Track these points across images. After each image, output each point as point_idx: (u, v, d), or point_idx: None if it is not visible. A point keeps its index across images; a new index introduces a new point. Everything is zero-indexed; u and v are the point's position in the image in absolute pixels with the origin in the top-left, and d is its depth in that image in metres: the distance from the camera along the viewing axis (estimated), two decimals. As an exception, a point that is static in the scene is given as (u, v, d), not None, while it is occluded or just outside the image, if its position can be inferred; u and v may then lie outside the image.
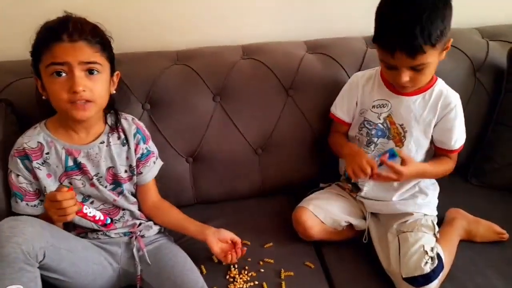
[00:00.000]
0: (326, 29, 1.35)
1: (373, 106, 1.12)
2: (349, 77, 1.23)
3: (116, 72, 1.00)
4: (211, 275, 1.03)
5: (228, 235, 1.05)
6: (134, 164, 1.04)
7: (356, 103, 1.15)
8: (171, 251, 1.04)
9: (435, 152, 1.14)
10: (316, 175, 1.30)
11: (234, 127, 1.23)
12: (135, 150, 1.04)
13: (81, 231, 1.02)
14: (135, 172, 1.05)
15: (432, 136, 1.11)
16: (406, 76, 0.98)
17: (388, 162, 1.02)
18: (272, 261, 1.07)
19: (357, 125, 1.15)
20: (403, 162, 1.03)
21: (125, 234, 1.04)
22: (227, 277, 1.03)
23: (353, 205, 1.18)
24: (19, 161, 0.95)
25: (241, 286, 1.00)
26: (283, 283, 1.01)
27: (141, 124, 1.09)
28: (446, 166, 1.12)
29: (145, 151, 1.06)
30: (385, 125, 1.11)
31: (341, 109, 1.18)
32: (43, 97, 0.94)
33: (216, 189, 1.27)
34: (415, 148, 1.11)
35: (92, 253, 0.98)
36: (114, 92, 1.00)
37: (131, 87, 1.17)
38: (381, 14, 0.98)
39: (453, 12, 0.96)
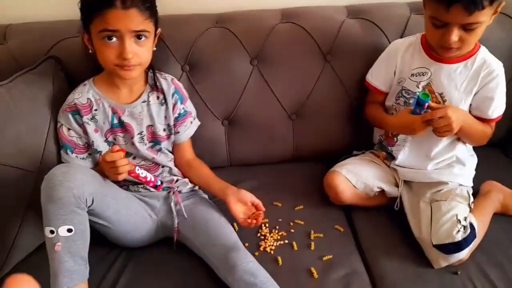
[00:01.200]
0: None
1: (412, 75, 1.09)
2: (389, 43, 1.20)
3: (159, 30, 1.02)
4: (243, 232, 1.06)
5: (248, 196, 1.04)
6: (172, 123, 1.08)
7: (395, 72, 1.12)
8: (206, 206, 1.09)
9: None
10: (350, 143, 1.30)
11: (270, 91, 1.24)
12: (173, 110, 1.08)
13: (124, 184, 1.08)
14: (173, 131, 1.09)
15: (470, 104, 1.08)
16: (455, 35, 0.94)
17: (433, 105, 1.00)
18: (302, 222, 1.10)
19: (394, 94, 1.13)
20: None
21: (163, 189, 1.09)
22: (258, 234, 1.07)
23: (386, 172, 1.17)
24: (70, 115, 1.01)
25: (271, 243, 1.04)
26: (313, 243, 1.04)
27: (180, 84, 1.12)
28: (485, 128, 1.09)
29: (182, 111, 1.10)
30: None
31: (377, 77, 1.16)
32: (90, 51, 0.97)
33: (249, 152, 1.30)
34: None
35: (134, 204, 1.04)
36: (155, 49, 1.03)
37: (171, 49, 1.19)
38: None
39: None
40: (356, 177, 1.13)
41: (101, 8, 0.89)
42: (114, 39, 0.92)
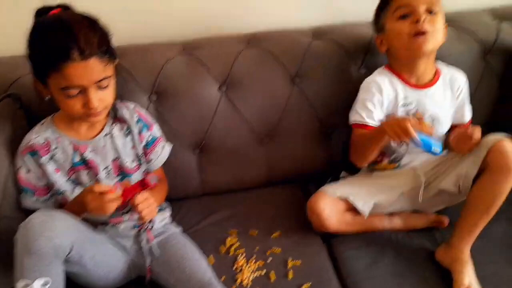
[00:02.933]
0: (332, 15, 1.33)
1: (399, 106, 1.12)
2: (356, 64, 1.22)
3: (116, 62, 0.98)
4: (219, 265, 1.04)
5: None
6: (140, 152, 1.05)
7: (384, 103, 1.12)
8: (179, 241, 1.05)
9: (450, 127, 1.17)
10: (323, 163, 1.29)
11: (240, 116, 1.23)
12: (140, 139, 1.05)
13: (90, 223, 1.03)
14: (142, 161, 1.06)
15: None
16: (422, 17, 1.02)
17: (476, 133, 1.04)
18: (279, 250, 1.08)
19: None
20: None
21: (134, 226, 1.05)
22: (235, 267, 1.04)
23: (395, 177, 1.16)
24: (27, 158, 0.96)
25: (248, 275, 1.01)
26: (290, 272, 1.02)
27: (142, 111, 1.08)
28: None
29: (149, 138, 1.07)
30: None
31: (371, 116, 1.11)
32: (46, 98, 0.92)
33: (222, 179, 1.28)
34: (442, 130, 1.15)
35: (108, 246, 1.00)
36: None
37: (137, 78, 1.17)
38: None
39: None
40: (362, 200, 1.09)
41: (57, 62, 0.84)
42: (76, 92, 0.88)
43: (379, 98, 1.11)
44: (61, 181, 0.99)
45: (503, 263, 1.02)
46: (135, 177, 1.06)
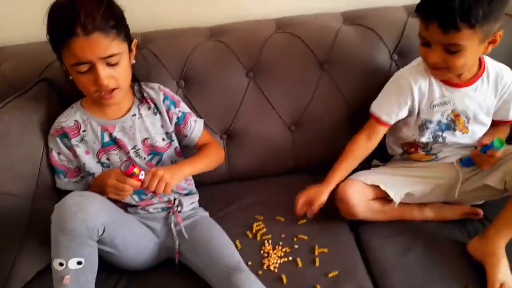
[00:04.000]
0: (364, 0, 1.29)
1: (434, 106, 1.06)
2: (389, 50, 1.19)
3: (134, 42, 0.99)
4: (245, 249, 1.04)
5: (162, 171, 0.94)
6: (171, 130, 1.06)
7: (410, 106, 1.07)
8: (208, 225, 1.06)
9: (492, 122, 1.11)
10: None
11: (267, 103, 1.22)
12: (169, 117, 1.06)
13: (121, 205, 1.05)
14: (173, 138, 1.06)
15: None
16: (435, 56, 0.93)
17: (497, 153, 1.00)
18: (306, 237, 1.07)
19: (415, 128, 1.10)
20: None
21: (162, 209, 1.07)
22: (261, 252, 1.05)
23: (430, 169, 1.13)
24: (58, 140, 1.00)
25: (275, 261, 1.01)
26: (317, 259, 1.01)
27: (167, 89, 1.09)
28: (506, 133, 1.12)
29: (179, 114, 1.08)
30: (449, 118, 1.07)
31: (388, 112, 1.08)
32: (70, 78, 0.95)
33: (249, 166, 1.28)
34: (480, 127, 1.09)
35: (138, 228, 1.02)
36: (134, 61, 1.00)
37: (165, 65, 1.17)
38: None
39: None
40: (394, 189, 1.07)
41: (63, 38, 0.86)
42: (86, 68, 0.89)
43: (406, 97, 1.06)
44: (91, 163, 1.01)
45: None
46: (167, 155, 1.07)
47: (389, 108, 1.08)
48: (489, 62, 1.06)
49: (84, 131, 1.00)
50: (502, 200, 1.04)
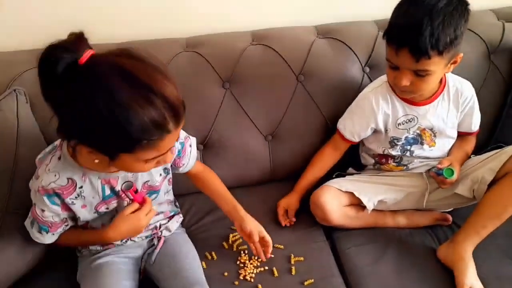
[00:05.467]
0: (337, 14, 1.33)
1: (399, 124, 1.11)
2: (360, 63, 1.22)
3: None
4: (222, 260, 1.05)
5: (250, 227, 1.00)
6: (169, 165, 0.98)
7: (375, 126, 1.12)
8: (177, 240, 1.05)
9: (458, 134, 1.16)
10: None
11: (244, 114, 1.23)
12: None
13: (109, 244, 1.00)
14: (167, 171, 0.99)
15: None
16: (406, 80, 0.96)
17: (448, 181, 1.05)
18: (282, 246, 1.08)
19: (385, 143, 1.14)
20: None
21: (146, 237, 1.03)
22: (238, 262, 1.05)
23: (400, 178, 1.16)
24: (45, 198, 0.84)
25: (251, 271, 1.02)
26: (293, 268, 1.02)
27: None
28: (472, 144, 1.18)
29: (179, 146, 0.99)
30: (416, 134, 1.12)
31: (351, 132, 1.15)
32: (96, 161, 0.78)
33: (226, 176, 1.25)
34: (447, 141, 1.14)
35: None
36: None
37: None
38: (398, 7, 0.96)
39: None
40: (367, 196, 1.10)
41: (153, 138, 0.71)
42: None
43: (369, 120, 1.11)
44: (87, 215, 0.92)
45: (505, 262, 1.02)
46: (162, 190, 1.00)
47: (352, 128, 1.14)
48: (450, 77, 1.11)
49: (80, 187, 0.86)
50: (469, 207, 1.08)
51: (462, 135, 1.17)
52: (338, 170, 1.24)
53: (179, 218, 1.10)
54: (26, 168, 0.99)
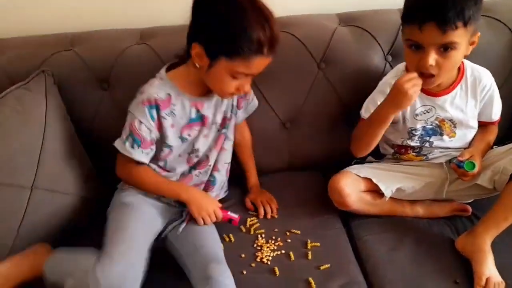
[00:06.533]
0: (360, 1, 1.32)
1: (416, 115, 1.10)
2: (383, 51, 1.21)
3: None
4: (239, 243, 1.06)
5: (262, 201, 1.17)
6: (235, 102, 1.11)
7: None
8: None
9: (479, 123, 1.14)
10: (346, 150, 1.27)
11: (263, 99, 1.23)
12: None
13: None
14: (236, 113, 1.13)
15: None
16: (432, 58, 0.94)
17: (469, 174, 1.04)
18: (299, 232, 1.09)
19: (403, 133, 1.13)
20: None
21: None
22: (255, 245, 1.06)
23: (420, 168, 1.16)
24: (146, 109, 0.98)
25: (268, 254, 1.03)
26: (310, 253, 1.03)
27: None
28: (494, 134, 1.16)
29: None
30: (434, 124, 1.11)
31: None
32: (197, 65, 0.95)
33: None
34: (468, 131, 1.13)
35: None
36: None
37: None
38: None
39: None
40: (385, 183, 1.10)
41: (249, 53, 0.90)
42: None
43: None
44: (173, 136, 1.03)
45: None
46: (230, 126, 1.12)
47: None
48: (468, 66, 1.09)
49: (174, 105, 1.00)
50: (489, 198, 1.07)
51: (483, 125, 1.15)
52: (357, 159, 1.23)
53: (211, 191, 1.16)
54: (53, 147, 1.04)
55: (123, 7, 1.27)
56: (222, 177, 1.16)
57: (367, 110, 1.12)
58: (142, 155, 1.01)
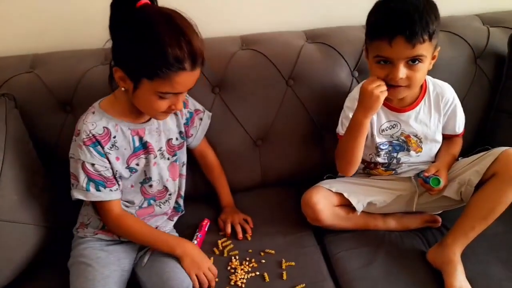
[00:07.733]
0: (326, 19, 1.34)
1: (382, 130, 1.12)
2: (349, 67, 1.24)
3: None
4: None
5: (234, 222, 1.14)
6: (183, 129, 1.09)
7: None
8: None
9: (444, 136, 1.17)
10: (317, 166, 1.29)
11: (233, 118, 1.23)
12: (181, 115, 1.08)
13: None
14: (184, 138, 1.10)
15: None
16: (402, 72, 0.96)
17: (435, 189, 1.05)
18: (273, 251, 1.08)
19: (371, 149, 1.14)
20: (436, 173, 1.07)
21: None
22: (228, 268, 1.04)
23: (389, 182, 1.17)
24: (92, 148, 0.93)
25: (242, 276, 1.01)
26: (285, 273, 1.02)
27: None
28: (459, 146, 1.19)
29: (187, 114, 1.10)
30: (401, 140, 1.12)
31: None
32: (123, 89, 0.92)
33: (216, 181, 1.28)
34: (433, 145, 1.15)
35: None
36: None
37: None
38: (376, 7, 0.99)
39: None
40: (357, 197, 1.10)
41: (168, 71, 0.85)
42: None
43: None
44: (121, 169, 0.99)
45: (493, 263, 1.03)
46: (180, 156, 1.09)
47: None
48: (430, 81, 1.13)
49: (114, 137, 0.96)
50: (458, 209, 1.09)
51: (448, 138, 1.18)
52: (329, 173, 1.24)
53: (176, 217, 1.13)
54: (13, 173, 0.99)
55: (85, 27, 1.24)
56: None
57: (343, 126, 1.13)
58: (113, 194, 0.97)
